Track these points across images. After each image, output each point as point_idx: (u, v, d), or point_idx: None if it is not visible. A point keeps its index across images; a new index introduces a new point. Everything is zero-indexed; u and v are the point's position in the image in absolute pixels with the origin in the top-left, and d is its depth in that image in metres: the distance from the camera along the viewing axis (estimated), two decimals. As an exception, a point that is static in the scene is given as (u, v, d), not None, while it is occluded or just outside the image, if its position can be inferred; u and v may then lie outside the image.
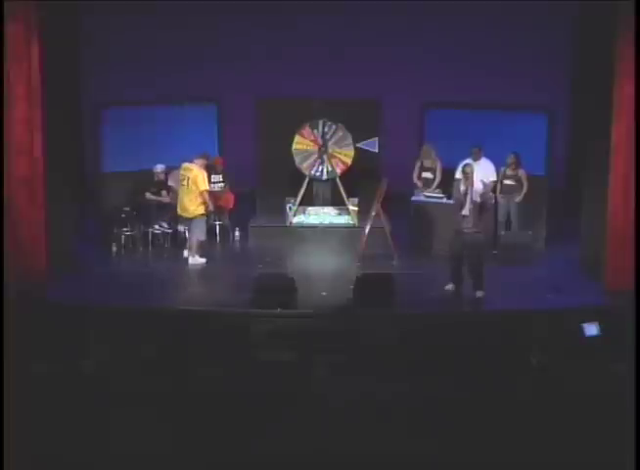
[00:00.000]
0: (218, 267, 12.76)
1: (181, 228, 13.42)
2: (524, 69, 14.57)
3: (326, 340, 8.68)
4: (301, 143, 14.06)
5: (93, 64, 14.41)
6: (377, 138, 14.24)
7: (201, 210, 12.49)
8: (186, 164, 12.55)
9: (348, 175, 14.03)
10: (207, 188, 12.50)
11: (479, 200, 11.25)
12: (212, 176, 13.79)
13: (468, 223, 11.27)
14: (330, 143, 14.02)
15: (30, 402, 6.66)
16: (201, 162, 12.58)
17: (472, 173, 11.37)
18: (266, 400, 6.80)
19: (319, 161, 14.05)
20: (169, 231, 13.44)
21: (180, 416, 6.61)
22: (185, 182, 12.50)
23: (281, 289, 10.75)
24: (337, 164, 14.04)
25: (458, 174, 12.39)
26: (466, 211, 11.30)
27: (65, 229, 12.00)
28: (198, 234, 12.58)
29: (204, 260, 12.63)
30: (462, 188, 11.35)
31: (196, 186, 12.39)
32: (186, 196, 12.50)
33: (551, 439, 6.44)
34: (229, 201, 13.75)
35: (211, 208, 12.64)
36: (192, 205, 12.48)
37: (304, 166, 14.05)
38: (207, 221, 12.82)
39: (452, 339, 8.55)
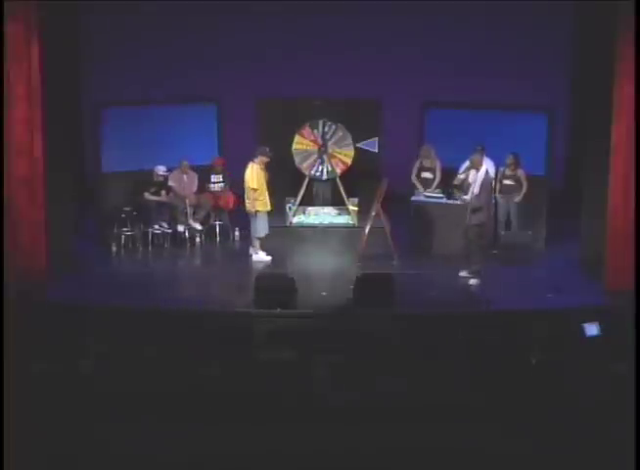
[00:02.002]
0: (218, 267, 12.75)
1: (181, 228, 13.43)
2: (524, 69, 14.56)
3: (326, 340, 8.68)
4: (301, 143, 14.06)
5: (93, 64, 14.41)
6: (377, 138, 14.25)
7: (254, 206, 12.58)
8: (249, 162, 12.74)
9: (348, 175, 14.03)
10: (254, 186, 12.52)
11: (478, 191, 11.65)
12: (212, 176, 13.81)
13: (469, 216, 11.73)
14: (330, 143, 14.02)
15: (30, 402, 6.66)
16: (257, 158, 12.65)
17: (478, 161, 11.81)
18: (266, 400, 6.80)
19: (319, 161, 14.06)
20: (169, 231, 13.44)
21: (180, 416, 6.61)
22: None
23: (281, 289, 10.75)
24: (337, 164, 14.04)
25: (462, 174, 12.42)
26: (468, 196, 11.76)
27: (65, 229, 12.00)
28: (254, 230, 12.72)
29: (268, 258, 12.67)
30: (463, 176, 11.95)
31: (245, 181, 12.62)
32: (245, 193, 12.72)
33: (551, 438, 6.44)
34: (229, 201, 13.74)
35: (253, 205, 12.59)
36: (247, 201, 12.63)
37: (304, 166, 14.06)
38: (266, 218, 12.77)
39: (452, 339, 8.55)
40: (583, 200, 12.32)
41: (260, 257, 12.67)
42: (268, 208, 12.76)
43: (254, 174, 12.58)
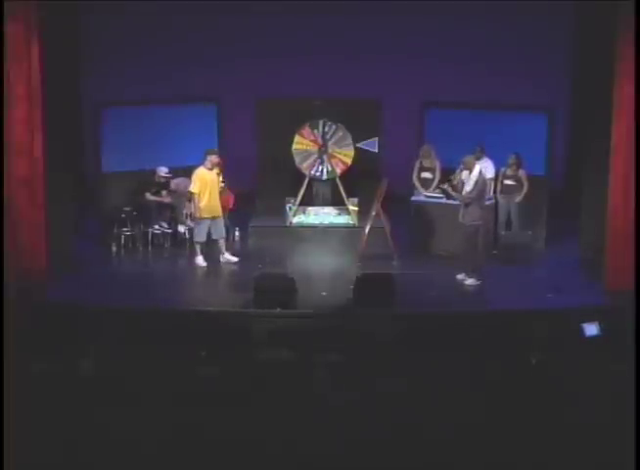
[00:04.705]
0: (218, 267, 12.75)
1: (181, 229, 13.42)
2: (524, 69, 14.56)
3: (326, 340, 8.68)
4: (301, 143, 14.06)
5: (93, 63, 14.41)
6: (377, 138, 14.24)
7: (196, 211, 12.53)
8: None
9: (348, 175, 14.04)
10: (193, 190, 12.41)
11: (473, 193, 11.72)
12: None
13: (462, 214, 11.80)
14: (330, 143, 14.02)
15: (30, 402, 6.66)
16: (206, 161, 12.57)
17: (469, 163, 11.84)
18: (266, 401, 6.80)
19: (319, 161, 14.06)
20: (169, 231, 13.44)
21: (179, 416, 6.61)
22: None
23: (281, 289, 10.75)
24: (337, 164, 14.04)
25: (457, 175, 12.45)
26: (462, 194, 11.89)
27: (65, 229, 12.00)
28: (194, 234, 12.71)
29: (204, 264, 12.61)
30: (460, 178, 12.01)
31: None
32: None
33: (551, 438, 6.44)
34: (229, 201, 13.73)
35: (197, 212, 12.48)
36: (192, 205, 12.63)
37: (304, 166, 14.06)
38: (203, 224, 12.61)
39: (452, 339, 8.55)
40: (583, 200, 12.33)
41: (199, 260, 12.62)
42: (213, 214, 12.54)
43: (197, 178, 12.46)
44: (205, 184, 12.46)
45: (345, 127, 13.98)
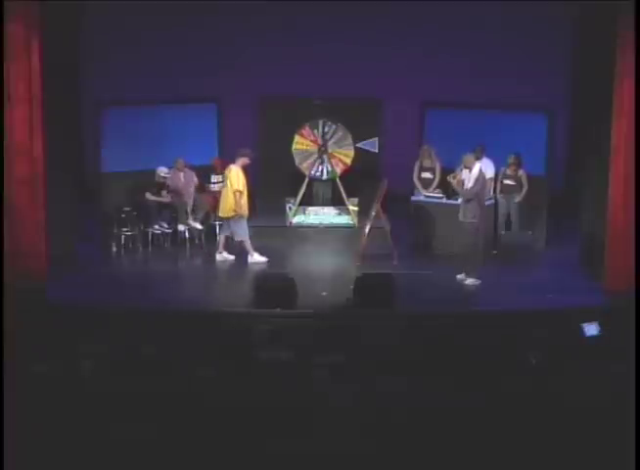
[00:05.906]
0: (218, 267, 12.75)
1: (181, 228, 13.42)
2: (523, 69, 14.57)
3: (326, 340, 8.67)
4: (301, 143, 14.07)
5: (93, 63, 14.41)
6: (377, 138, 14.26)
7: (242, 209, 12.53)
8: (230, 165, 12.65)
9: (348, 175, 14.04)
10: (239, 188, 12.44)
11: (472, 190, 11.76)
12: (212, 177, 13.82)
13: (462, 212, 11.83)
14: (330, 143, 14.04)
15: (30, 403, 6.66)
16: (239, 160, 12.59)
17: (468, 161, 11.85)
18: (266, 401, 6.80)
19: (319, 161, 14.07)
20: (169, 231, 13.45)
21: (180, 417, 6.61)
22: (227, 182, 12.62)
23: (281, 289, 10.75)
24: (337, 164, 14.06)
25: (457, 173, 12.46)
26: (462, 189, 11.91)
27: (65, 229, 12.00)
28: (242, 234, 12.63)
29: (263, 259, 12.63)
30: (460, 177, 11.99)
31: (230, 185, 12.51)
32: (224, 196, 12.61)
33: (551, 439, 6.44)
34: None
35: (243, 209, 12.54)
36: (228, 204, 12.57)
37: (304, 166, 14.07)
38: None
39: (452, 339, 8.55)
40: (583, 200, 12.33)
41: (257, 258, 12.62)
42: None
43: (238, 176, 12.50)
44: (245, 183, 12.53)
45: (345, 127, 13.98)
